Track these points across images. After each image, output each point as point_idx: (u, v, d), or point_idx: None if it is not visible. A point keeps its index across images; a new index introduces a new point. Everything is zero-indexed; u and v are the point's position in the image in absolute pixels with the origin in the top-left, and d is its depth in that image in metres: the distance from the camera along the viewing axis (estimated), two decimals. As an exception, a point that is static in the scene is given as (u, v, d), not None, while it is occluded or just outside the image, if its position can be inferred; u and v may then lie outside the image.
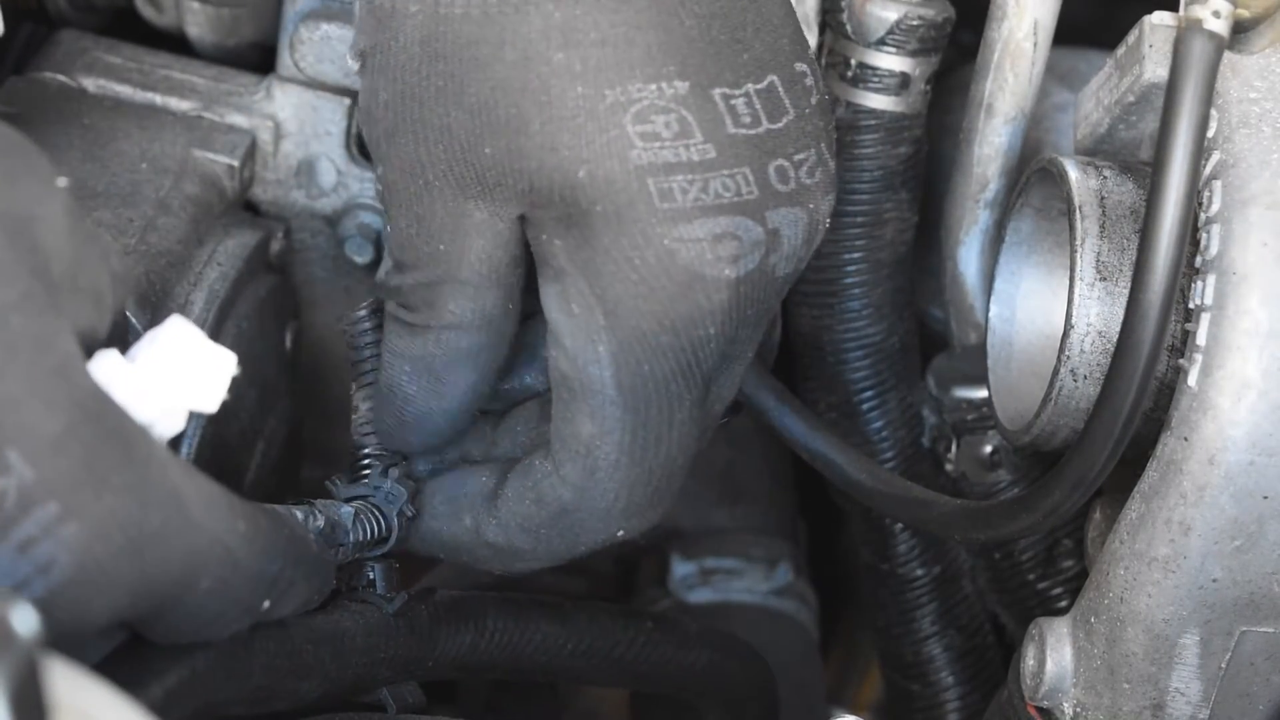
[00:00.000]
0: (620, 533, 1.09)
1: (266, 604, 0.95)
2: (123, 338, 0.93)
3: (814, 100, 1.04)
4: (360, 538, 1.07)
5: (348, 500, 1.09)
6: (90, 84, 1.29)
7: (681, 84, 0.99)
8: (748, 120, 1.01)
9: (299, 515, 1.02)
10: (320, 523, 1.04)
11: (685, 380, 1.04)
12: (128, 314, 1.09)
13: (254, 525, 0.93)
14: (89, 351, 0.89)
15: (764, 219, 1.02)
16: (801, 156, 1.03)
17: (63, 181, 0.88)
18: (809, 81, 1.04)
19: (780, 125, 1.02)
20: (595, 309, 1.02)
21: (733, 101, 1.00)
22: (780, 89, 1.02)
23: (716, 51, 1.00)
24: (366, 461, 1.13)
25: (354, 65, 1.02)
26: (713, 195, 1.01)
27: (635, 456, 1.05)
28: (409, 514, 1.10)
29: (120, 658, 0.91)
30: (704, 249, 1.01)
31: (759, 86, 1.01)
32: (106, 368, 0.87)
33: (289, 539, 0.97)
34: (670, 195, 1.00)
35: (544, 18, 0.97)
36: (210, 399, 0.91)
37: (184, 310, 1.20)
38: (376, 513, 1.09)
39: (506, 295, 1.06)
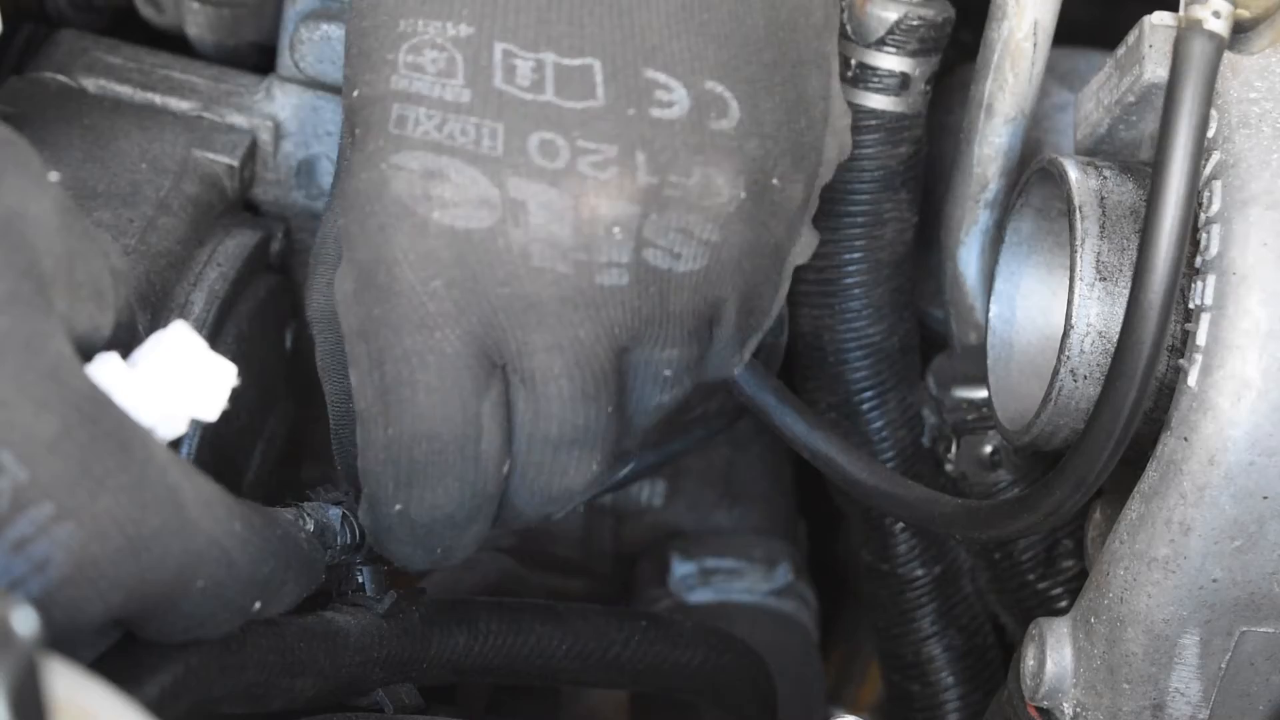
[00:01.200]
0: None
1: (258, 605, 0.95)
2: (132, 335, 0.93)
3: (656, 112, 1.00)
4: (348, 540, 1.08)
5: (335, 503, 1.09)
6: (90, 84, 1.29)
7: (467, 28, 1.00)
8: (525, 84, 1.00)
9: (289, 517, 1.02)
10: (309, 525, 1.04)
11: (420, 333, 1.01)
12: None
13: (249, 526, 0.93)
14: (94, 350, 0.89)
15: (501, 183, 1.00)
16: (592, 146, 1.00)
17: (54, 176, 0.87)
18: (658, 94, 1.00)
19: (575, 105, 1.00)
20: (343, 239, 1.03)
21: (514, 60, 1.00)
22: (597, 76, 1.00)
23: (535, 15, 1.00)
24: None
25: None
26: (445, 135, 1.00)
27: (383, 421, 1.03)
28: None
29: (115, 655, 0.92)
30: (414, 182, 1.00)
31: (563, 61, 1.00)
32: (106, 370, 0.87)
33: (282, 540, 0.97)
34: (404, 123, 1.00)
35: None
36: (210, 408, 0.91)
37: (184, 310, 1.20)
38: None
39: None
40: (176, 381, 0.90)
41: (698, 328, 1.06)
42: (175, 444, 0.92)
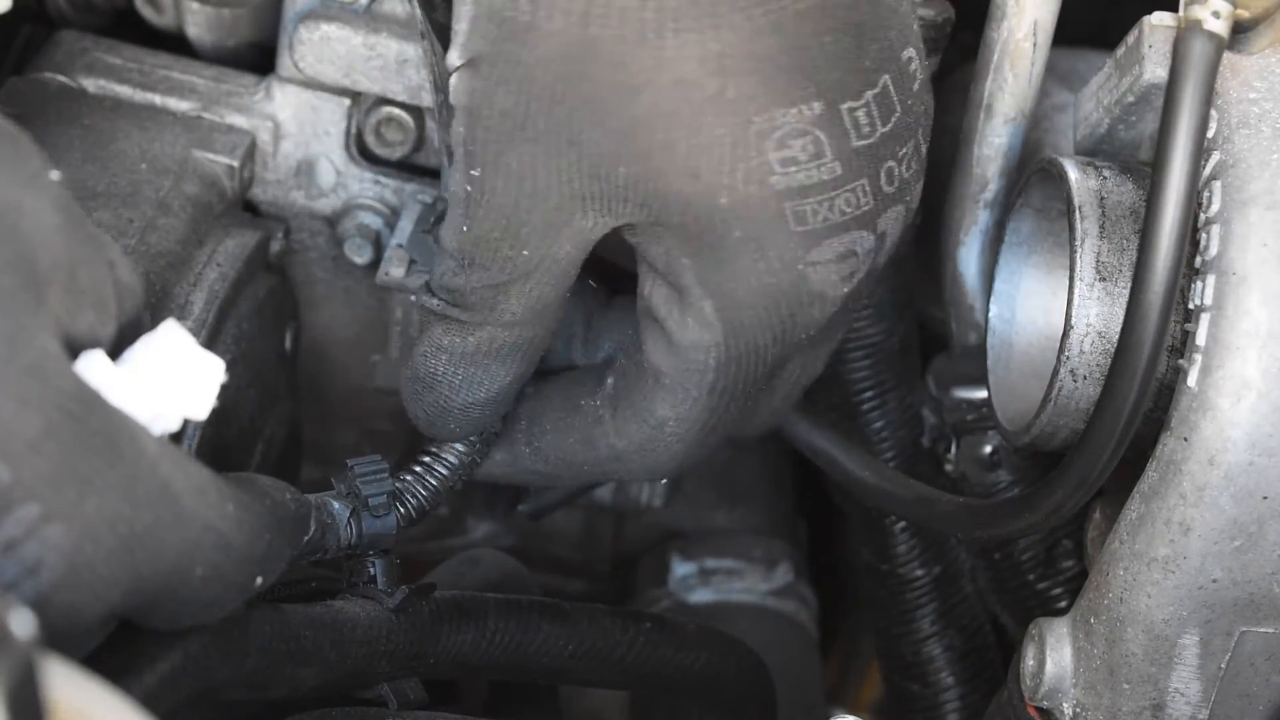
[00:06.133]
0: (663, 480, 1.17)
1: (259, 580, 0.95)
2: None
3: (916, 86, 1.04)
4: (351, 537, 1.08)
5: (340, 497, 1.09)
6: (90, 84, 1.29)
7: (818, 104, 1.00)
8: (867, 130, 1.02)
9: (269, 481, 1.02)
10: (313, 527, 1.04)
11: (767, 380, 1.09)
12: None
13: (242, 506, 0.93)
14: None
15: (875, 226, 1.04)
16: (905, 151, 1.04)
17: (55, 175, 0.87)
18: (914, 67, 1.04)
19: (889, 127, 1.02)
20: (716, 326, 1.05)
21: (856, 114, 1.01)
22: (891, 88, 1.02)
23: (845, 65, 1.00)
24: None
25: (455, 60, 1.00)
26: (838, 213, 1.02)
27: (701, 437, 1.10)
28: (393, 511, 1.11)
29: (114, 645, 0.91)
30: (830, 270, 1.03)
31: (875, 92, 1.01)
32: (94, 369, 0.87)
33: (271, 509, 0.97)
34: (804, 218, 1.02)
35: (700, 45, 0.97)
36: (199, 406, 0.91)
37: (183, 310, 1.20)
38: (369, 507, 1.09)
39: (564, 288, 1.07)
40: (166, 379, 0.89)
41: None
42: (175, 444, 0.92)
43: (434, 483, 1.14)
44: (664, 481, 1.51)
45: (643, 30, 0.96)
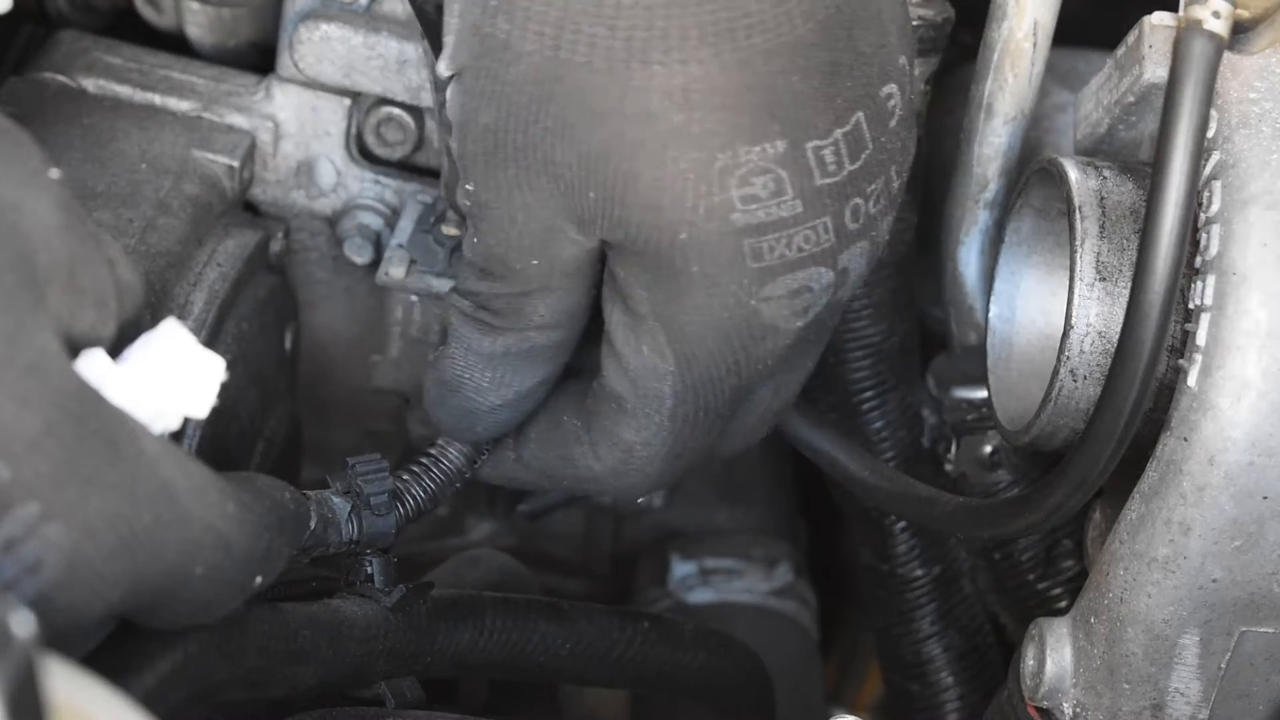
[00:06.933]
0: (640, 500, 1.16)
1: (259, 580, 0.95)
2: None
3: (893, 123, 1.04)
4: (352, 534, 1.08)
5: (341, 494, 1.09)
6: (90, 84, 1.29)
7: (781, 143, 0.99)
8: (833, 168, 1.01)
9: (268, 480, 1.02)
10: (314, 521, 1.04)
11: (731, 406, 1.08)
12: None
13: (242, 505, 0.93)
14: None
15: (835, 262, 1.03)
16: (873, 188, 1.03)
17: (55, 173, 0.87)
18: (892, 104, 1.03)
19: (859, 164, 1.02)
20: (668, 355, 1.04)
21: (822, 152, 1.00)
22: (864, 125, 1.02)
23: (815, 103, 1.00)
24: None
25: (442, 70, 1.00)
26: (795, 250, 1.02)
27: (671, 460, 1.09)
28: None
29: (113, 644, 0.91)
30: (782, 305, 1.03)
31: (845, 130, 1.01)
32: (94, 368, 0.87)
33: (271, 509, 0.97)
34: (760, 255, 1.01)
35: (668, 77, 0.97)
36: (199, 404, 0.91)
37: (183, 310, 1.20)
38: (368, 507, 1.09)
39: (590, 289, 1.07)
40: (166, 378, 0.89)
41: None
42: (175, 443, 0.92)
43: (433, 483, 1.14)
44: None
45: (610, 59, 0.96)
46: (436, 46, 1.04)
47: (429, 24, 1.10)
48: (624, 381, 1.07)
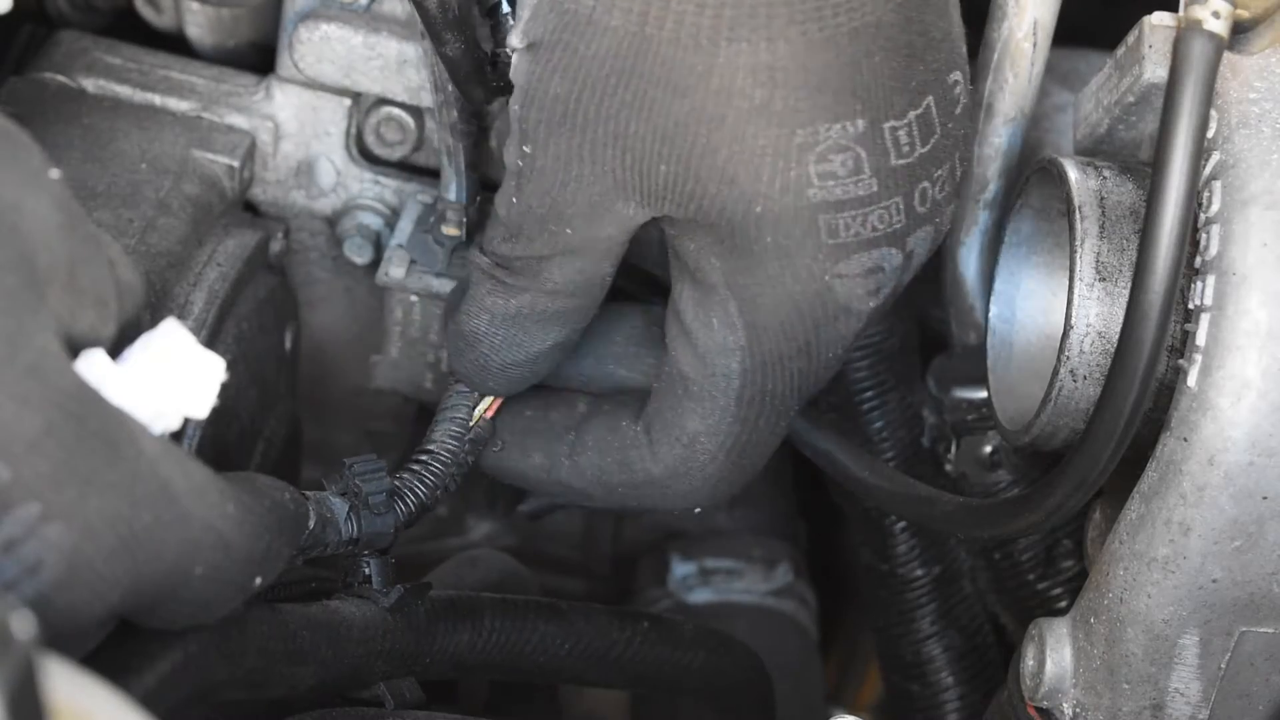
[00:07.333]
0: (697, 510, 1.15)
1: (258, 580, 0.96)
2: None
3: (958, 110, 1.06)
4: (352, 533, 1.08)
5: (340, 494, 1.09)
6: (90, 84, 1.29)
7: (861, 122, 1.01)
8: (906, 149, 1.03)
9: (269, 480, 1.02)
10: (313, 521, 1.04)
11: (800, 395, 1.09)
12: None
13: (242, 506, 0.93)
14: None
15: (904, 244, 1.05)
16: (940, 173, 1.05)
17: (55, 173, 0.87)
18: (958, 90, 1.05)
19: (928, 148, 1.04)
20: (738, 328, 1.06)
21: (898, 133, 1.02)
22: (934, 109, 1.04)
23: (893, 84, 1.01)
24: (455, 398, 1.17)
25: (516, 43, 1.02)
26: (869, 229, 1.03)
27: (734, 456, 1.11)
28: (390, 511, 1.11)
29: (113, 645, 0.91)
30: (857, 284, 1.05)
31: (918, 112, 1.03)
32: (94, 368, 0.87)
33: (271, 510, 0.98)
34: (835, 231, 1.03)
35: (754, 54, 0.98)
36: (199, 404, 0.91)
37: (184, 310, 1.20)
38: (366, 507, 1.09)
39: (612, 266, 1.09)
40: (166, 378, 0.89)
41: None
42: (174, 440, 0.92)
43: (430, 482, 1.14)
44: None
45: (697, 36, 0.98)
46: (438, 44, 1.05)
47: (430, 21, 1.10)
48: (692, 359, 1.08)
